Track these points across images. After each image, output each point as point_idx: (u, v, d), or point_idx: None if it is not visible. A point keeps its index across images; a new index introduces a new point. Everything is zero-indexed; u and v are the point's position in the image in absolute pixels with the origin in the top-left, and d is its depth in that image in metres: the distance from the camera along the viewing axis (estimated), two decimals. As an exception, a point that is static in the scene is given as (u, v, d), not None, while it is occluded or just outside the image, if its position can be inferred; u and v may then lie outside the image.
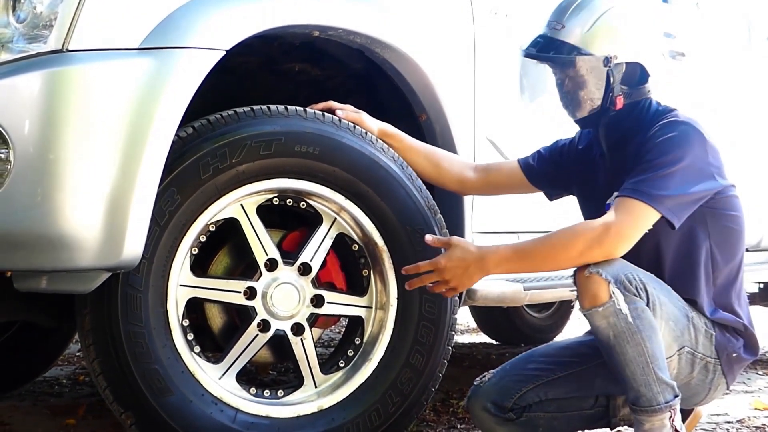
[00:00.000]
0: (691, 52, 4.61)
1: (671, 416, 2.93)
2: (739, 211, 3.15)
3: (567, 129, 3.40)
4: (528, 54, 3.17)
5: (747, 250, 4.61)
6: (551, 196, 3.53)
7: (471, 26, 3.59)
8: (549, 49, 3.12)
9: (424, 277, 3.06)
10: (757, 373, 5.43)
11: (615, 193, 3.14)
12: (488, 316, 6.74)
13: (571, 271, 3.04)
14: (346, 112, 3.20)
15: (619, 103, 3.10)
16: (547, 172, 3.43)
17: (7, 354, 4.36)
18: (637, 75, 3.13)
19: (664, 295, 2.99)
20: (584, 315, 2.96)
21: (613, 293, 2.88)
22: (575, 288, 2.98)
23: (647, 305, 2.91)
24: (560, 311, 6.82)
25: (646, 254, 2.99)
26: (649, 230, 2.96)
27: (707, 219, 3.09)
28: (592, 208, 3.25)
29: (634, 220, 2.92)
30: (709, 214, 3.08)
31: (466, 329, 7.73)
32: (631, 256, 2.97)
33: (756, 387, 5.03)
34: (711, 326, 3.11)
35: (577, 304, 3.07)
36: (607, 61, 3.06)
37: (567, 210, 3.56)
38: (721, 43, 5.03)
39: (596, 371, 3.21)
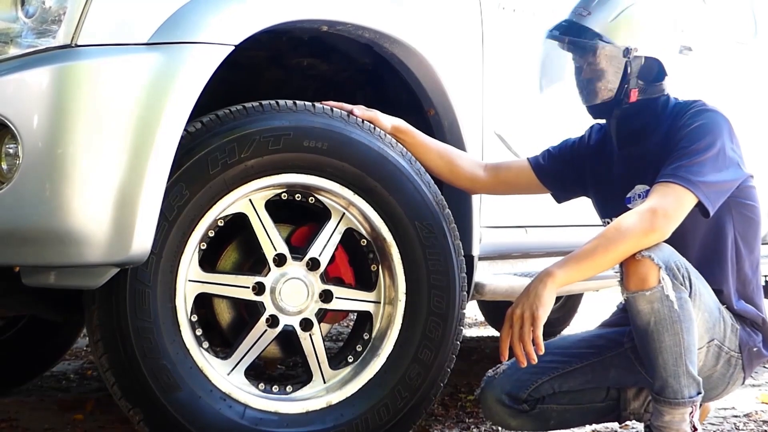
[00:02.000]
0: (698, 47, 4.60)
1: (692, 411, 2.94)
2: (757, 202, 3.19)
3: (580, 120, 3.40)
4: (551, 36, 3.20)
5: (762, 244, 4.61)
6: (560, 198, 3.53)
7: (479, 21, 3.59)
8: (572, 33, 3.15)
9: (504, 336, 2.95)
10: (764, 367, 5.43)
11: (637, 186, 3.15)
12: (496, 309, 6.73)
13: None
14: (361, 109, 3.19)
15: (633, 96, 3.12)
16: (558, 170, 3.42)
17: (14, 349, 4.37)
18: (654, 71, 3.14)
19: (703, 286, 3.01)
20: (627, 297, 2.95)
21: (663, 279, 2.88)
22: (618, 271, 2.97)
23: (689, 296, 2.92)
24: (568, 305, 6.82)
25: (671, 243, 2.97)
26: None
27: (731, 208, 3.11)
28: (611, 204, 3.25)
29: (676, 201, 2.92)
30: (732, 204, 3.10)
31: (474, 323, 7.73)
32: None
33: (763, 380, 5.03)
34: (735, 320, 3.12)
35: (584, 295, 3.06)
36: (627, 51, 3.09)
37: (575, 206, 3.55)
38: (728, 36, 5.02)
39: (611, 362, 3.22)
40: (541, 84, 3.32)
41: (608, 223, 3.27)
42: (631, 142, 3.20)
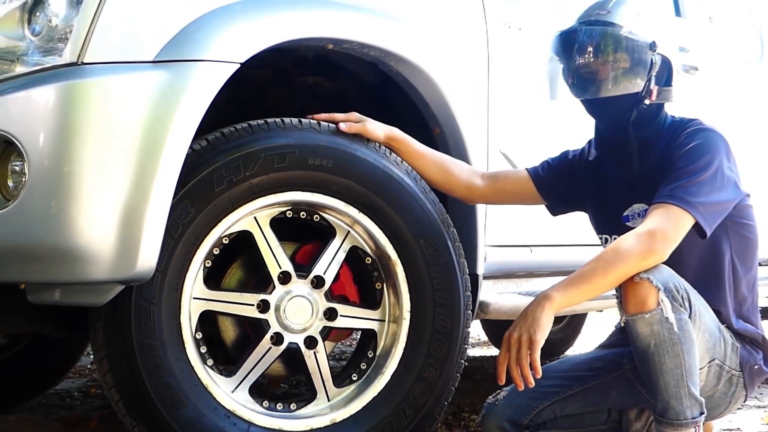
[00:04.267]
0: (704, 67, 4.61)
1: (694, 432, 2.93)
2: (754, 221, 3.17)
3: (585, 136, 3.40)
4: (573, 28, 3.17)
5: (759, 264, 4.61)
6: (555, 211, 3.51)
7: (485, 39, 3.59)
8: (598, 26, 3.13)
9: (501, 360, 2.90)
10: (769, 387, 5.42)
11: (635, 204, 3.14)
12: (499, 329, 6.72)
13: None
14: (349, 124, 3.17)
15: (654, 94, 3.10)
16: (557, 182, 3.41)
17: (18, 366, 4.36)
18: (665, 75, 3.14)
19: (702, 306, 3.00)
20: (626, 320, 2.94)
21: (662, 301, 2.87)
22: (618, 293, 2.97)
23: (689, 317, 2.91)
24: (571, 325, 6.81)
25: (668, 264, 2.97)
26: None
27: (728, 228, 3.10)
28: (608, 220, 3.24)
29: (674, 223, 2.91)
30: (729, 224, 3.09)
31: (477, 342, 7.72)
32: None
33: (767, 402, 5.03)
34: (735, 339, 3.11)
35: (590, 314, 3.06)
36: (653, 45, 3.09)
37: (580, 225, 3.55)
38: (734, 57, 5.02)
39: (612, 384, 3.21)
40: (551, 95, 3.31)
41: (604, 239, 3.27)
42: (629, 158, 3.19)
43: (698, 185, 2.95)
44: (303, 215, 3.16)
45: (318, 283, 3.15)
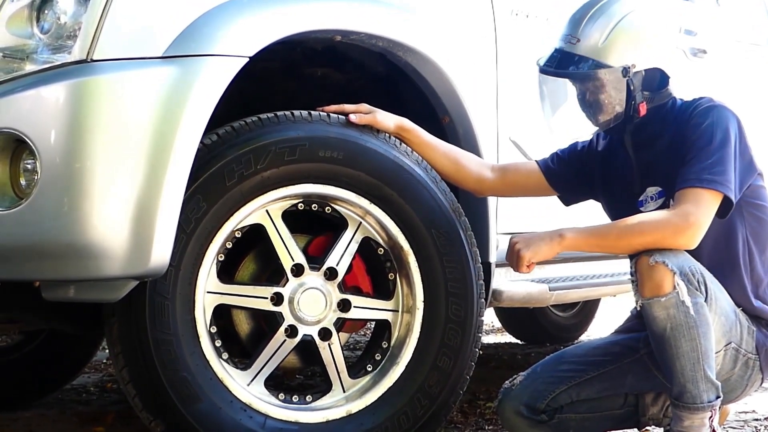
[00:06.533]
0: (712, 49, 4.59)
1: (711, 416, 2.93)
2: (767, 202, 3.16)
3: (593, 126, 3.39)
4: (545, 71, 3.18)
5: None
6: (568, 201, 3.51)
7: (492, 28, 3.59)
8: (566, 64, 3.12)
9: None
10: (785, 370, 5.40)
11: (649, 188, 3.14)
12: (513, 316, 6.72)
13: (599, 271, 3.00)
14: (359, 115, 3.17)
15: (643, 109, 3.10)
16: (568, 173, 3.41)
17: (34, 362, 4.38)
18: (657, 79, 3.12)
19: (718, 290, 3.00)
20: (642, 304, 2.95)
21: (678, 285, 2.88)
22: (633, 277, 2.98)
23: (705, 300, 2.91)
24: (585, 310, 6.80)
25: None
26: None
27: (742, 209, 3.10)
28: (622, 207, 3.23)
29: (706, 209, 2.93)
30: (743, 204, 3.09)
31: (491, 329, 7.71)
32: None
33: (783, 384, 5.01)
34: (751, 321, 3.11)
35: (607, 299, 3.07)
36: (625, 71, 3.06)
37: (592, 211, 3.54)
38: (742, 38, 5.01)
39: (628, 368, 3.21)
40: (543, 107, 3.31)
41: None
42: (640, 147, 3.20)
43: (721, 163, 2.95)
44: (314, 207, 3.17)
45: (331, 274, 3.16)
